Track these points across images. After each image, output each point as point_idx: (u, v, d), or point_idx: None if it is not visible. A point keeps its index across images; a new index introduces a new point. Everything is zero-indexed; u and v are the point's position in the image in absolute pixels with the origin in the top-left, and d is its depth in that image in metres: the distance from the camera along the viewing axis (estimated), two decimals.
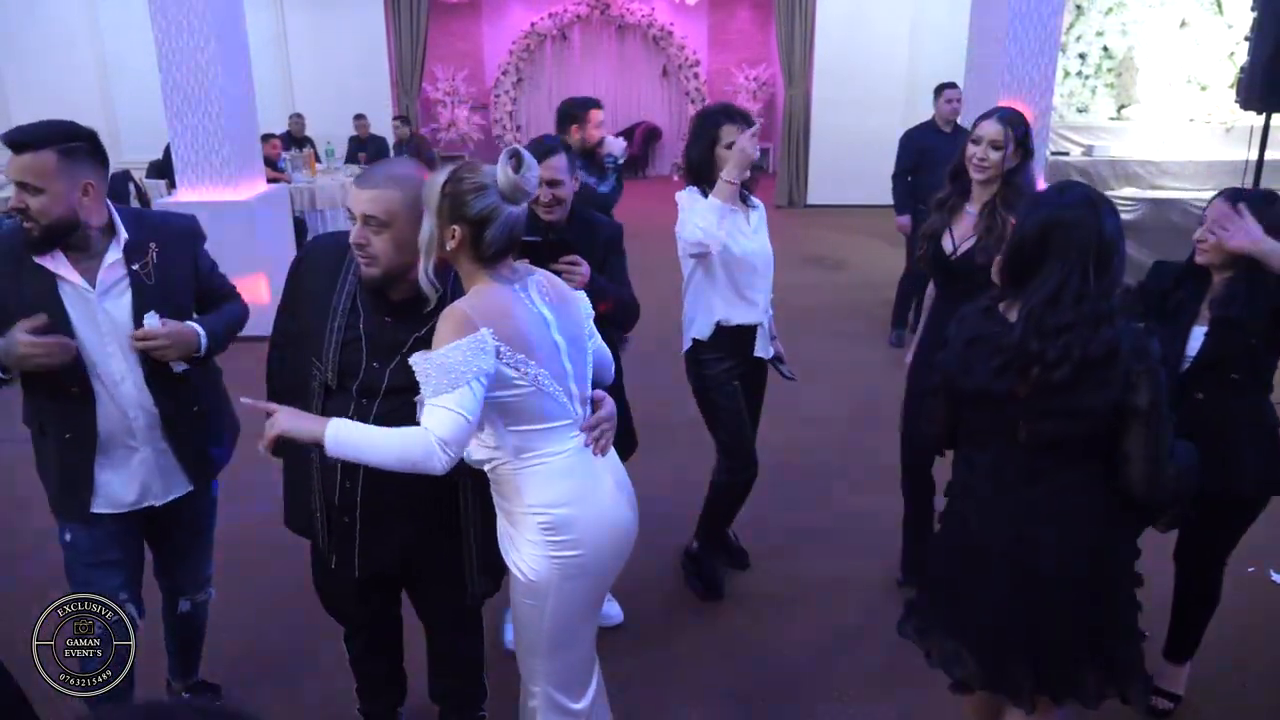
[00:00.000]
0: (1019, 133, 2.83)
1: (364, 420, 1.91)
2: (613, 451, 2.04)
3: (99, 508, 2.27)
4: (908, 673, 2.90)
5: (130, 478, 2.29)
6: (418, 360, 1.75)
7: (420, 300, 1.93)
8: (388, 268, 1.89)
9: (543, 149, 2.64)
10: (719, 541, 3.46)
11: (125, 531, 2.34)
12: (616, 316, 2.66)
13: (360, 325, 1.97)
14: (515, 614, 2.00)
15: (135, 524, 2.36)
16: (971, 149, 2.87)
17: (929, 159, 5.85)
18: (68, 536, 2.31)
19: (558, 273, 2.26)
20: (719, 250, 2.89)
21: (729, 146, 2.91)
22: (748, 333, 3.10)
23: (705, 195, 2.94)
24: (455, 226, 1.79)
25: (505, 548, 1.96)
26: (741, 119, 2.96)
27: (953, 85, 6.14)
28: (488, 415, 1.82)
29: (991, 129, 2.84)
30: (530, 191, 1.83)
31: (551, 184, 2.65)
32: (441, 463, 1.72)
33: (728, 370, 3.10)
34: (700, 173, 2.98)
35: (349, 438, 1.76)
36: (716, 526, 3.37)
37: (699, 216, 2.85)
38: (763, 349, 3.15)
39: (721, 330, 3.05)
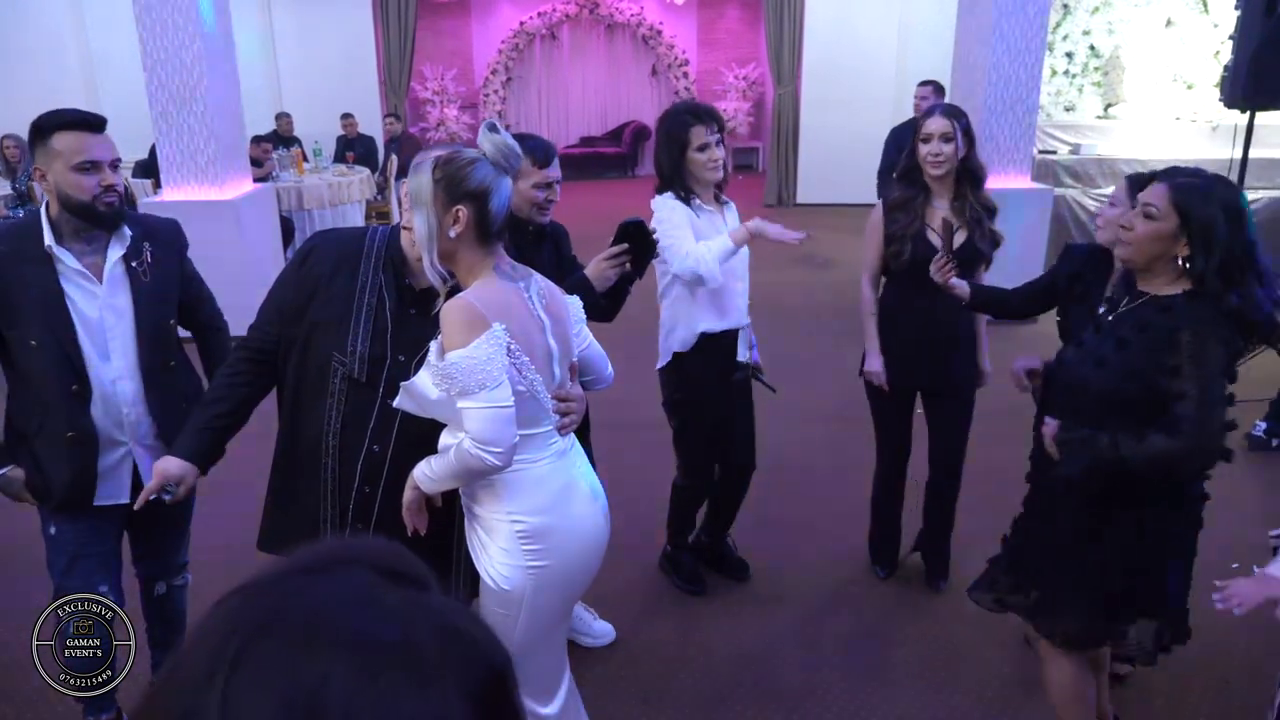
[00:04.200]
0: (963, 123, 2.94)
1: (392, 421, 1.90)
2: (585, 458, 2.03)
3: (95, 501, 2.28)
4: (889, 669, 2.92)
5: (117, 475, 2.30)
6: (440, 366, 1.70)
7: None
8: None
9: (548, 150, 2.62)
10: (713, 553, 3.42)
11: (108, 523, 2.35)
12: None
13: (387, 316, 1.92)
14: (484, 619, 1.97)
15: (117, 515, 2.36)
16: (924, 148, 2.92)
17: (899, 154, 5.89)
18: (52, 530, 2.32)
19: (647, 262, 2.44)
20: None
21: (700, 149, 2.85)
22: (730, 337, 3.06)
23: (684, 202, 2.90)
24: (459, 207, 1.74)
25: (476, 554, 1.92)
26: (709, 118, 2.88)
27: (925, 83, 6.18)
28: None
29: (938, 124, 2.91)
30: (519, 154, 1.81)
31: (557, 183, 2.64)
32: (494, 462, 1.72)
33: (711, 380, 3.05)
34: (672, 180, 2.92)
35: (431, 474, 1.81)
36: (684, 528, 3.35)
37: (705, 255, 2.82)
38: (742, 352, 3.11)
39: (704, 339, 3.01)
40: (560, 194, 2.66)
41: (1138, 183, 2.30)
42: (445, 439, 1.84)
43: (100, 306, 2.18)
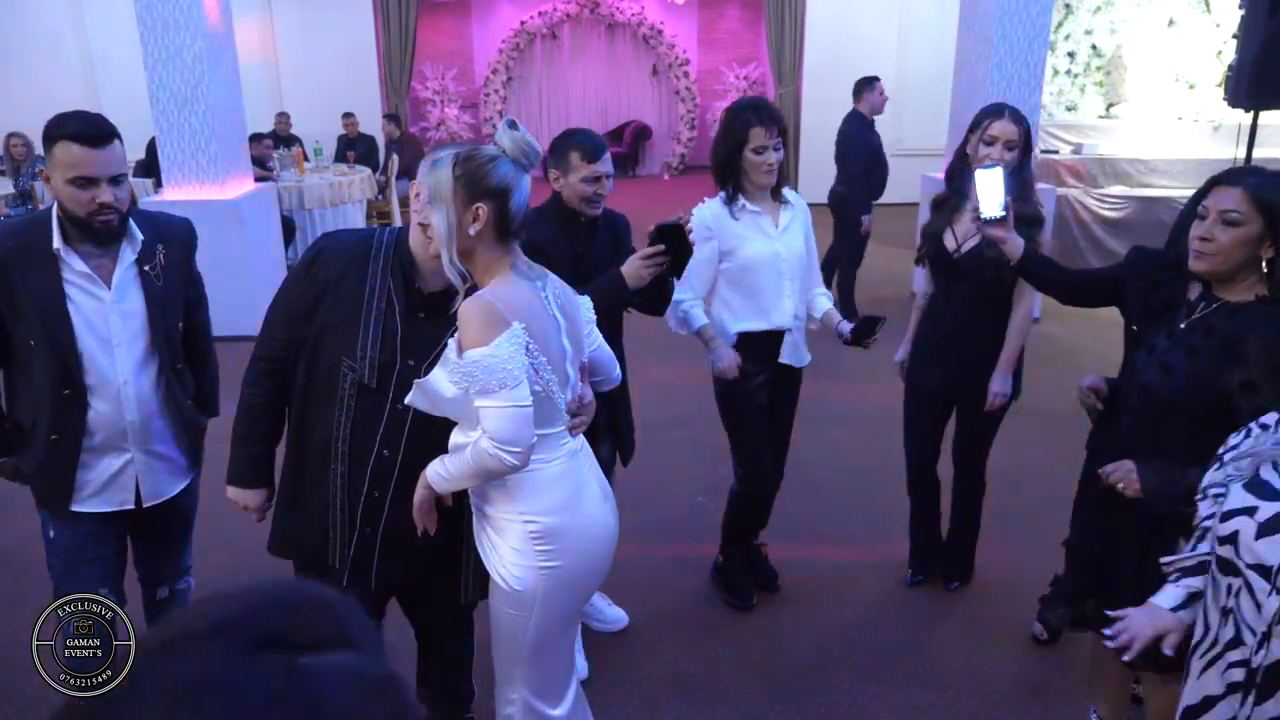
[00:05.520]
0: (1025, 128, 2.85)
1: (402, 426, 1.89)
2: (593, 458, 2.02)
3: (87, 507, 2.25)
4: (918, 673, 2.90)
5: (119, 480, 2.27)
6: (459, 365, 1.70)
7: (450, 295, 1.89)
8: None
9: (597, 145, 2.62)
10: (746, 556, 3.34)
11: (109, 528, 2.33)
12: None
13: (396, 320, 1.90)
14: (496, 621, 1.95)
15: (120, 520, 2.34)
16: (984, 149, 2.83)
17: (871, 154, 6.30)
18: (51, 533, 2.30)
19: (684, 264, 2.41)
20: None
21: (757, 151, 2.79)
22: (774, 339, 2.97)
23: (731, 204, 2.87)
24: (479, 205, 1.72)
25: (486, 554, 1.92)
26: (771, 120, 2.81)
27: (878, 78, 6.38)
28: None
29: (1008, 129, 2.81)
30: (538, 150, 1.80)
31: (608, 178, 2.65)
32: (512, 462, 1.71)
33: (757, 379, 2.97)
34: (725, 175, 2.89)
35: (445, 473, 1.80)
36: (735, 536, 3.26)
37: (681, 317, 2.92)
38: (792, 356, 3.00)
39: (744, 338, 2.95)
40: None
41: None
42: (457, 438, 1.84)
43: (107, 310, 2.15)
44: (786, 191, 2.97)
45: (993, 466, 3.24)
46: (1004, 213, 2.50)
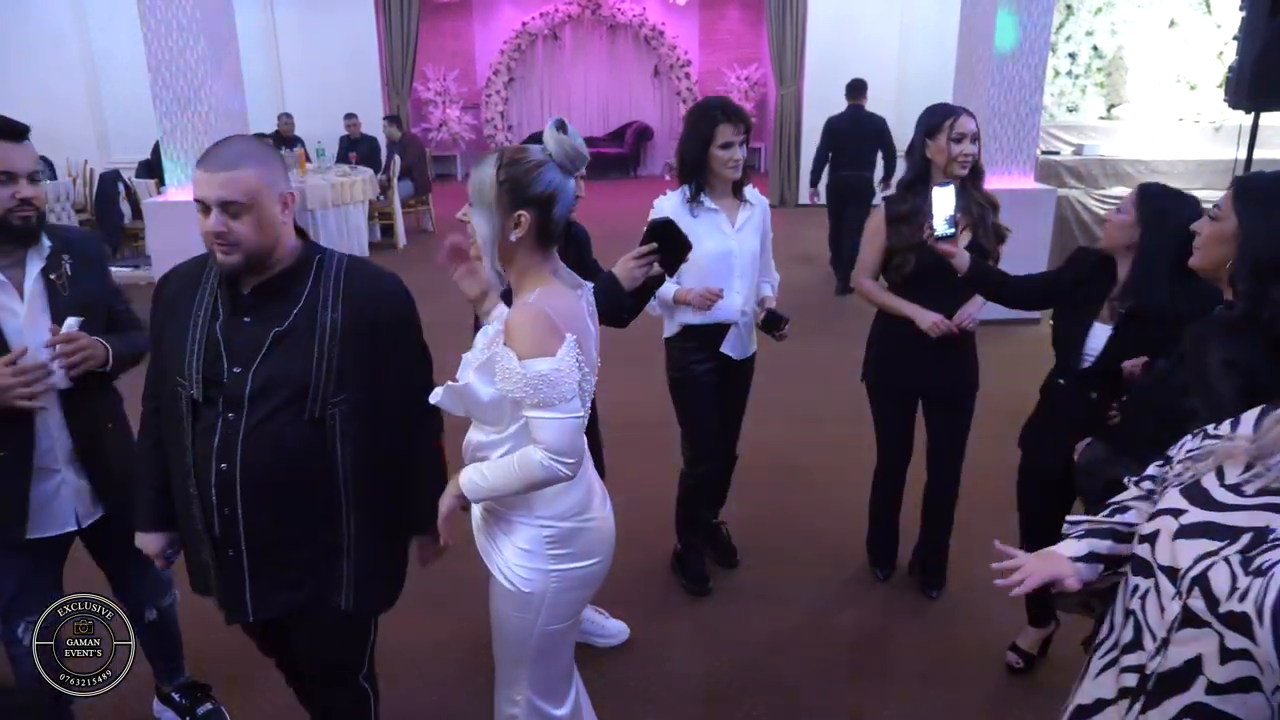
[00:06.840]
0: (976, 120, 2.96)
1: (235, 436, 1.77)
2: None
3: (32, 533, 2.18)
4: (892, 668, 2.92)
5: (59, 502, 2.22)
6: (519, 371, 1.65)
7: (275, 293, 1.81)
8: (250, 251, 1.75)
9: None
10: (705, 536, 3.44)
11: (50, 555, 2.27)
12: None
13: (218, 329, 1.80)
14: (500, 624, 1.93)
15: (61, 546, 2.29)
16: (955, 148, 2.89)
17: None
18: None
19: (679, 262, 2.36)
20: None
21: (724, 147, 2.87)
22: (713, 331, 3.07)
23: (693, 198, 2.93)
24: (522, 212, 1.69)
25: (489, 555, 1.90)
26: (738, 118, 2.88)
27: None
28: (517, 418, 1.75)
29: (972, 125, 2.91)
30: (585, 155, 1.77)
31: (580, 180, 2.64)
32: (566, 473, 1.70)
33: (702, 366, 3.10)
34: (692, 172, 2.96)
35: (483, 483, 1.76)
36: (688, 520, 3.34)
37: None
38: (734, 348, 3.11)
39: (687, 330, 3.06)
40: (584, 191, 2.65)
41: (1144, 193, 2.36)
42: (476, 436, 1.83)
43: (22, 323, 2.09)
44: (748, 192, 3.04)
45: (991, 465, 3.24)
46: (952, 229, 2.66)
